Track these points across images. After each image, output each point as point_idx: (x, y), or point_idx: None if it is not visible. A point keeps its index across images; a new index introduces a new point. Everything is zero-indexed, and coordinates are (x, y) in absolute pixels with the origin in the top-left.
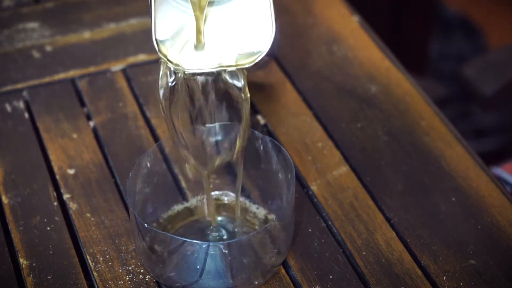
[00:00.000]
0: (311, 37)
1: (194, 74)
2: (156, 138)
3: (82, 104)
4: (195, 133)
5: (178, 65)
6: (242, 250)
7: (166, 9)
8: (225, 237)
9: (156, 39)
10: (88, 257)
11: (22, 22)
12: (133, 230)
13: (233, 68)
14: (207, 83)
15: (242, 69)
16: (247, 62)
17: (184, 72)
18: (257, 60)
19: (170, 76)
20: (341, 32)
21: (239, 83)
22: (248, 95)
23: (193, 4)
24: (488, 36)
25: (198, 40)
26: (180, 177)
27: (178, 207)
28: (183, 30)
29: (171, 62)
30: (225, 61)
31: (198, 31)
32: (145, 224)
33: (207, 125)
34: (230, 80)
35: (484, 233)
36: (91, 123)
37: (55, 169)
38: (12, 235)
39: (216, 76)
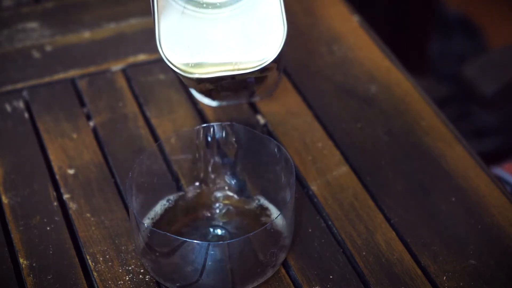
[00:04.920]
0: (311, 37)
1: (200, 79)
2: (156, 138)
3: (82, 104)
4: None
5: (183, 71)
6: (242, 250)
7: (169, 13)
8: (225, 236)
9: (160, 45)
10: (88, 257)
11: (22, 22)
12: (133, 230)
13: (239, 72)
14: None
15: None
16: (252, 67)
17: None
18: (264, 65)
19: None
20: (341, 32)
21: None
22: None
23: None
24: (488, 36)
25: None
26: (180, 177)
27: (178, 207)
28: (188, 34)
29: (176, 67)
30: (230, 65)
31: None
32: (145, 224)
33: None
34: None
35: (484, 233)
36: (91, 123)
37: (55, 169)
38: (12, 235)
39: None
